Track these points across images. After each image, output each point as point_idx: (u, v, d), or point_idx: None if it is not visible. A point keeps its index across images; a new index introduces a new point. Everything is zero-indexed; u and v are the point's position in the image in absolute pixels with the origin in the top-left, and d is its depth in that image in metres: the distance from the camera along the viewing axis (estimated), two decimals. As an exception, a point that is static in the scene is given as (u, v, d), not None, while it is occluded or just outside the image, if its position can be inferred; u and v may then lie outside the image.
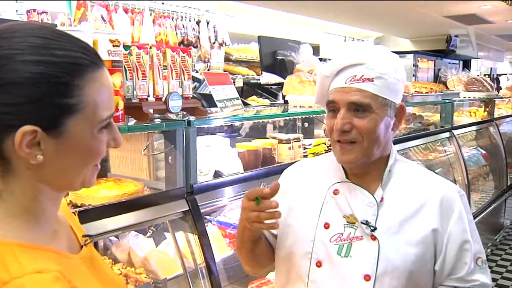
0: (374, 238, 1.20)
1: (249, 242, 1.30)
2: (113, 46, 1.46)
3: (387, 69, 1.22)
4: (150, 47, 1.73)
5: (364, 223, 1.21)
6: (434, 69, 7.92)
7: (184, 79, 1.86)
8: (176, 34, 3.22)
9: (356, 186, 1.27)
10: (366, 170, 1.28)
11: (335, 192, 1.29)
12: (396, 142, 3.34)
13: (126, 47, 1.64)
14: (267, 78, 2.81)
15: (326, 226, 1.26)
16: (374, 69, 1.20)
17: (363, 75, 1.20)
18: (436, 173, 4.42)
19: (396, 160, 1.32)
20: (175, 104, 1.74)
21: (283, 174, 1.45)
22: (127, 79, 1.65)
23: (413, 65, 7.55)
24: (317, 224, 1.27)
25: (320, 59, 2.83)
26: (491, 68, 10.99)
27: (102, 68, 0.78)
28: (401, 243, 1.20)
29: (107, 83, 0.79)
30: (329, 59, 1.31)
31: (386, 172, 1.27)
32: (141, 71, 1.67)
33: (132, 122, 1.67)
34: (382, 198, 1.25)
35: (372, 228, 1.21)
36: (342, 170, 1.31)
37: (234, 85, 3.68)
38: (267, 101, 3.42)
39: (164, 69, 1.78)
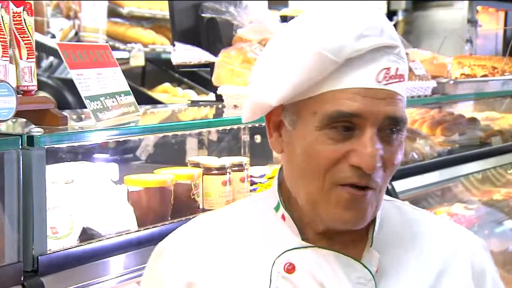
0: None
1: None
2: None
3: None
4: None
5: None
6: (506, 30, 8.16)
7: (21, 56, 1.88)
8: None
9: (329, 252, 1.33)
10: None
11: (290, 270, 1.34)
12: (424, 170, 3.47)
13: None
14: (184, 54, 2.83)
15: None
16: (405, 58, 1.30)
17: (397, 69, 1.26)
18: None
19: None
20: (3, 105, 1.76)
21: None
22: None
23: (468, 21, 7.72)
24: None
25: (285, 19, 2.91)
26: None
27: None
28: None
29: None
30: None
31: (378, 222, 1.37)
32: None
33: None
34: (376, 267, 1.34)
35: None
36: (294, 225, 1.36)
37: (129, 63, 3.70)
38: (191, 94, 3.45)
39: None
